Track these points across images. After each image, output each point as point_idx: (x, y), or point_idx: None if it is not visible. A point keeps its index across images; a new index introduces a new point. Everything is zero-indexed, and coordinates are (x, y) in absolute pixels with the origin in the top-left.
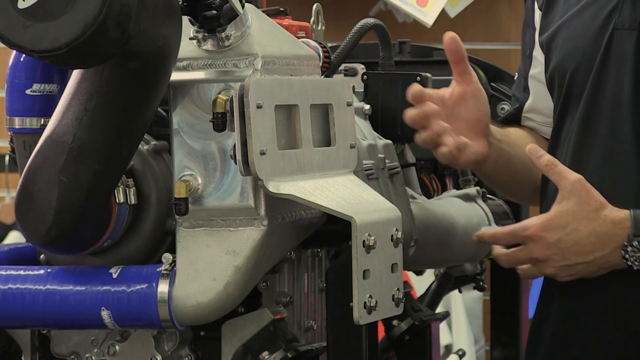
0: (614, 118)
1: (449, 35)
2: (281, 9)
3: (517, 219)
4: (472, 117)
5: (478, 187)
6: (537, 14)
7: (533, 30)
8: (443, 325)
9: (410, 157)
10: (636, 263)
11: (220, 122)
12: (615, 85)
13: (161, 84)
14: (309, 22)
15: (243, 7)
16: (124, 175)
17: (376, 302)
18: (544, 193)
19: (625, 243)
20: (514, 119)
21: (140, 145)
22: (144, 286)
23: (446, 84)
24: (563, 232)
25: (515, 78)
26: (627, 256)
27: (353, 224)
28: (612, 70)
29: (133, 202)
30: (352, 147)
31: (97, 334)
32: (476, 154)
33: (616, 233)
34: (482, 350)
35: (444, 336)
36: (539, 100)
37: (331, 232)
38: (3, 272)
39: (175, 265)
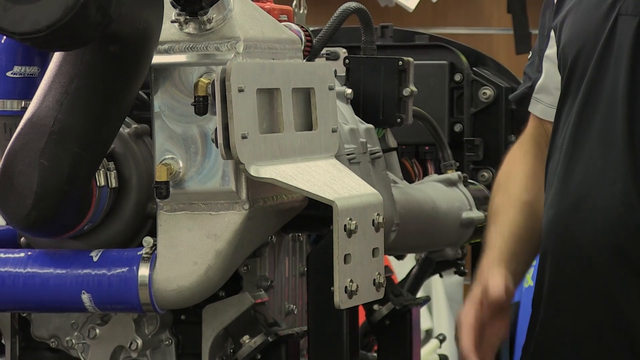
0: (610, 103)
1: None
2: None
3: None
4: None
5: (459, 172)
6: None
7: (552, 10)
8: (423, 310)
9: (392, 142)
10: None
11: (201, 106)
12: (615, 70)
13: (142, 67)
14: (291, 5)
15: None
16: (105, 159)
17: (357, 286)
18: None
19: None
20: (524, 98)
21: (121, 129)
22: (124, 270)
23: (428, 68)
24: None
25: (530, 57)
26: None
27: (334, 208)
28: (613, 55)
29: (114, 185)
30: (333, 131)
31: (77, 318)
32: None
33: None
34: None
35: (425, 321)
36: (549, 80)
37: (312, 216)
38: None
39: (156, 248)
